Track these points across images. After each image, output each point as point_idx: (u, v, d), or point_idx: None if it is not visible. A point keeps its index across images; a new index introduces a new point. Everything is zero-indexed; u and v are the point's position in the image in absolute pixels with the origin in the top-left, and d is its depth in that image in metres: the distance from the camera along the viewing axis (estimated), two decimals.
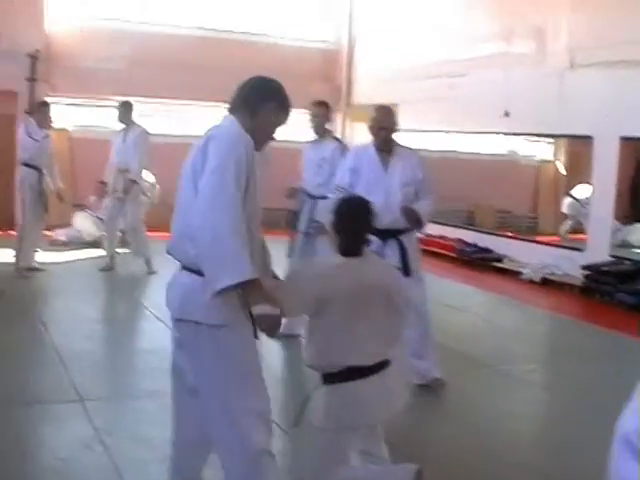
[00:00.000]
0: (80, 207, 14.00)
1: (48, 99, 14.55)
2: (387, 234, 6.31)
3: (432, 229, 12.37)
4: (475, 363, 7.75)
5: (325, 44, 18.49)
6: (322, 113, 8.12)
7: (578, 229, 14.40)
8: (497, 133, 14.46)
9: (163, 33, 16.30)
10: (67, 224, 13.72)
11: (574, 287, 11.60)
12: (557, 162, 16.59)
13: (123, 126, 11.22)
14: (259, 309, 3.41)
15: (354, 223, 4.17)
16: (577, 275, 11.57)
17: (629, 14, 11.32)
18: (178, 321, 3.67)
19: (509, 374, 7.56)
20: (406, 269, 6.27)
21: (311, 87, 17.35)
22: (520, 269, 12.52)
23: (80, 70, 15.20)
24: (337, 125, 18.43)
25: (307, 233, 7.85)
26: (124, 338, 8.43)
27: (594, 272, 11.34)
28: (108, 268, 11.23)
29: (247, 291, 3.41)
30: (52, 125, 11.33)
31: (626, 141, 11.53)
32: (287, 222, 8.27)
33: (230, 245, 3.35)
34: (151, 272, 10.94)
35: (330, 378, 4.12)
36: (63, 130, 15.61)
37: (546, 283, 12.08)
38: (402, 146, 6.64)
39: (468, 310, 10.38)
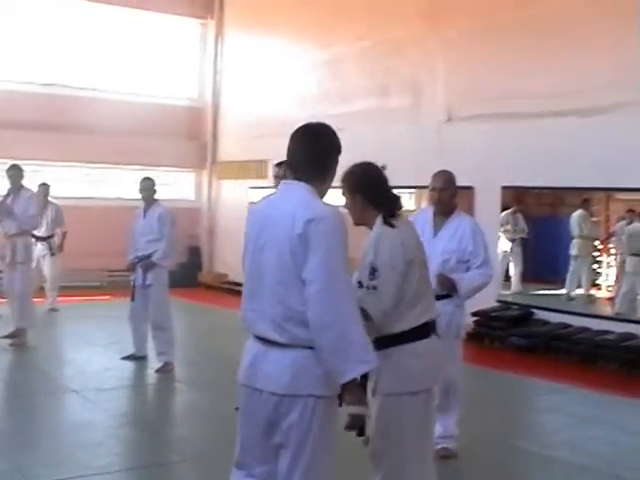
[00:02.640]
0: None
1: None
2: None
3: None
4: None
5: (190, 101, 18.47)
6: (283, 174, 7.71)
7: None
8: None
9: (17, 91, 15.87)
10: None
11: None
12: None
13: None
14: (356, 409, 3.49)
15: (385, 183, 4.26)
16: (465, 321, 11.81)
17: (503, 69, 11.87)
18: (282, 397, 3.52)
19: None
20: None
21: (177, 145, 17.31)
22: None
23: None
24: (204, 183, 18.39)
25: None
26: (45, 412, 7.87)
27: (483, 318, 11.65)
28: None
29: (351, 386, 3.42)
30: None
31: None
32: None
33: (355, 336, 3.37)
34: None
35: (401, 338, 4.11)
36: None
37: None
38: (463, 214, 6.53)
39: None
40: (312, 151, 3.62)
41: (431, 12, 13.06)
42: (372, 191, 4.21)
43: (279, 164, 7.80)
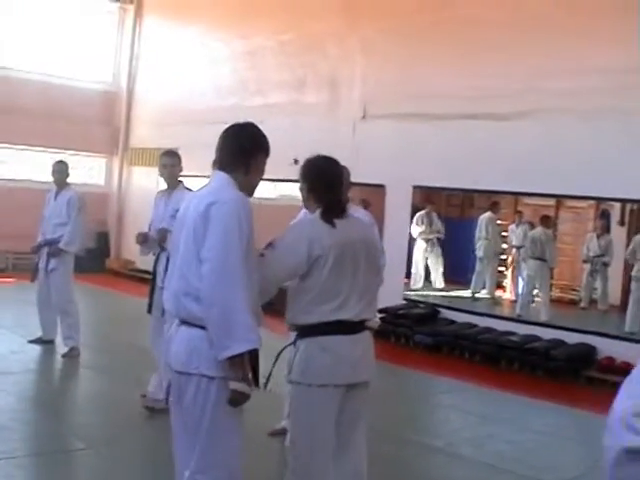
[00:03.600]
0: None
1: None
2: None
3: None
4: None
5: (104, 85, 18.15)
6: (172, 163, 7.53)
7: None
8: (286, 180, 14.68)
9: None
10: None
11: (369, 330, 11.91)
12: None
13: None
14: (236, 385, 3.53)
15: (330, 182, 4.29)
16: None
17: (420, 69, 12.00)
18: (181, 374, 3.69)
19: None
20: None
21: (89, 129, 17.01)
22: None
23: None
24: (114, 168, 18.13)
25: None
26: None
27: (390, 315, 11.75)
28: None
29: (234, 363, 3.52)
30: None
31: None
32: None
33: (240, 316, 3.51)
34: None
35: (312, 330, 4.10)
36: None
37: None
38: (356, 207, 6.28)
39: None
40: (234, 146, 3.86)
41: (349, 10, 13.14)
42: (315, 185, 4.28)
43: (166, 153, 7.75)
